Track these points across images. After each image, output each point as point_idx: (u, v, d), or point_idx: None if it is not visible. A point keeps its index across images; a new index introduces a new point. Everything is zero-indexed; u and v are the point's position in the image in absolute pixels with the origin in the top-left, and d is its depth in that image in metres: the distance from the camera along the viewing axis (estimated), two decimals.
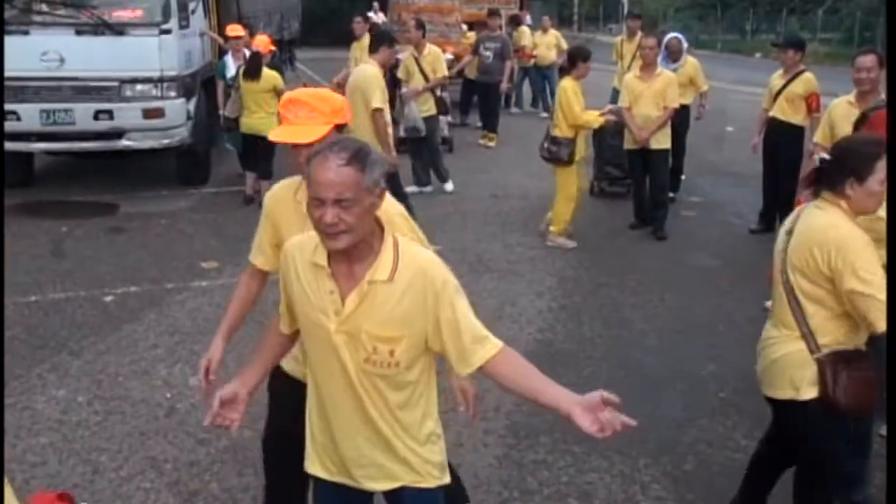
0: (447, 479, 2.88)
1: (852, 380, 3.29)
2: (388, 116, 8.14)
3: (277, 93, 9.61)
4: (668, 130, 8.77)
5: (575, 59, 8.32)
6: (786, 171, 8.34)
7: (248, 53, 10.16)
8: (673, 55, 9.82)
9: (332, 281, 2.58)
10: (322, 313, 2.60)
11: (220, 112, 10.45)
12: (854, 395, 3.30)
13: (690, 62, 9.94)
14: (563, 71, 8.42)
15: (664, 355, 6.13)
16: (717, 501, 4.41)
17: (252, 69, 9.61)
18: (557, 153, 8.32)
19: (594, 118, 8.27)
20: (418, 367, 2.69)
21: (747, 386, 5.62)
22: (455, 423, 4.85)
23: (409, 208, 8.19)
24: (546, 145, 8.44)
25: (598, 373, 5.85)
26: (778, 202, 8.54)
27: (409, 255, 2.61)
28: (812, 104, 8.29)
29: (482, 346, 2.59)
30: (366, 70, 8.07)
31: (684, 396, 5.52)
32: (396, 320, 2.55)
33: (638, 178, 9.19)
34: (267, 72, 9.67)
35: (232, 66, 10.35)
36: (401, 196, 7.93)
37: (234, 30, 10.68)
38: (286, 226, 3.30)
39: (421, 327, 2.58)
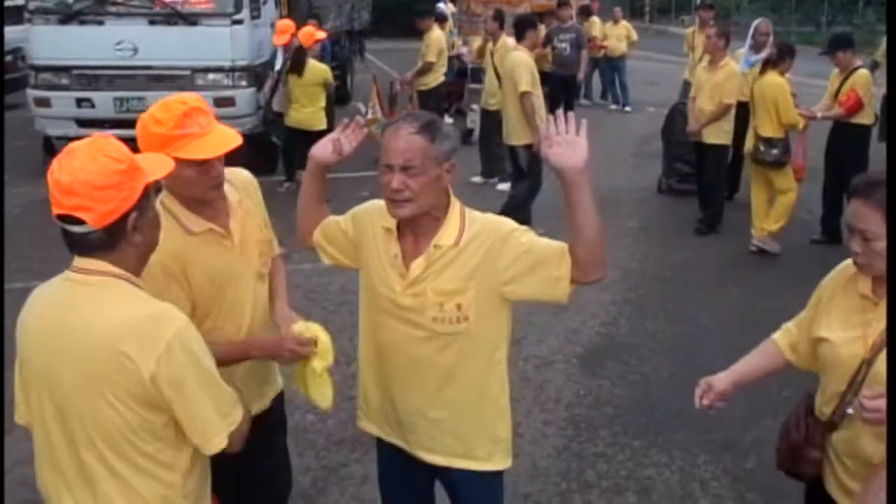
0: (503, 465, 2.89)
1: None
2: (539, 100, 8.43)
3: (326, 86, 9.59)
4: (726, 126, 8.55)
5: (784, 54, 7.99)
6: (851, 171, 8.10)
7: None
8: (760, 41, 9.34)
9: (397, 245, 2.66)
10: (387, 276, 2.66)
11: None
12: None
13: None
14: (771, 64, 7.99)
15: (728, 352, 5.93)
16: (778, 502, 4.35)
17: (296, 63, 9.48)
18: (780, 156, 7.87)
19: (800, 119, 7.91)
20: (494, 329, 2.71)
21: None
22: (515, 413, 4.83)
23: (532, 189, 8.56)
24: (762, 148, 7.90)
25: (660, 368, 5.80)
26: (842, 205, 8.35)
27: (474, 218, 2.68)
28: (848, 99, 7.88)
29: (561, 255, 2.57)
30: (517, 56, 8.37)
31: (747, 395, 5.35)
32: (461, 274, 2.61)
33: (699, 171, 9.04)
34: (315, 65, 9.53)
35: (280, 58, 10.13)
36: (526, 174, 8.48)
37: (284, 25, 10.31)
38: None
39: (489, 276, 2.60)
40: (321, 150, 2.85)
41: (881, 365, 2.49)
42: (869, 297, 2.58)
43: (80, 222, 2.07)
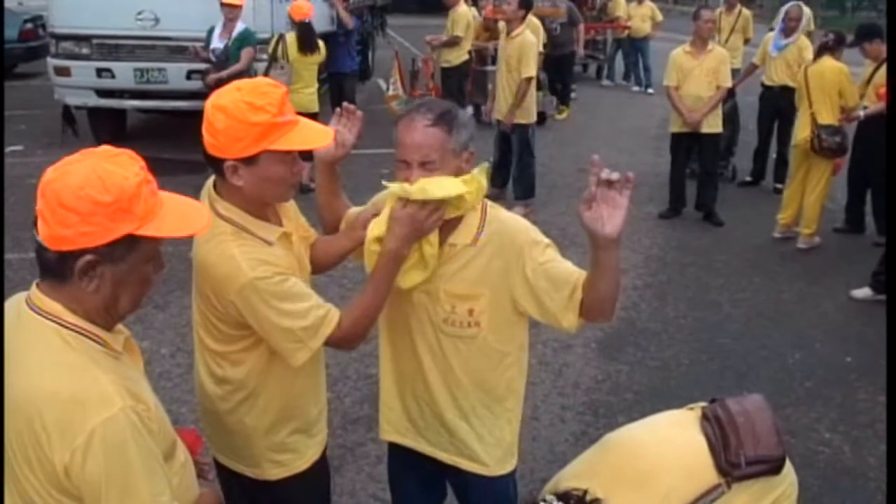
0: (510, 467, 2.81)
1: None
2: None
3: (321, 68, 9.16)
4: (719, 112, 8.35)
5: (841, 42, 7.81)
6: (876, 160, 7.95)
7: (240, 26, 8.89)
8: (790, 26, 9.16)
9: None
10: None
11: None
12: None
13: (802, 42, 9.26)
14: (828, 51, 7.76)
15: (749, 341, 5.98)
16: (800, 494, 4.28)
17: (307, 41, 8.81)
18: (842, 143, 7.58)
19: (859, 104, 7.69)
20: (506, 336, 2.61)
21: (834, 377, 5.49)
22: (533, 397, 4.82)
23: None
24: (825, 136, 7.59)
25: (680, 354, 5.73)
26: (874, 193, 8.19)
27: (494, 217, 2.55)
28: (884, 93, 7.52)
29: (576, 286, 2.43)
30: (527, 38, 8.45)
31: (768, 384, 5.36)
32: (475, 279, 2.50)
33: (679, 163, 8.75)
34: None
35: (218, 38, 8.93)
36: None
37: None
38: None
39: (503, 286, 2.51)
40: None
41: None
42: None
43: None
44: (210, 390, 2.55)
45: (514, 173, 8.80)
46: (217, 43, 8.96)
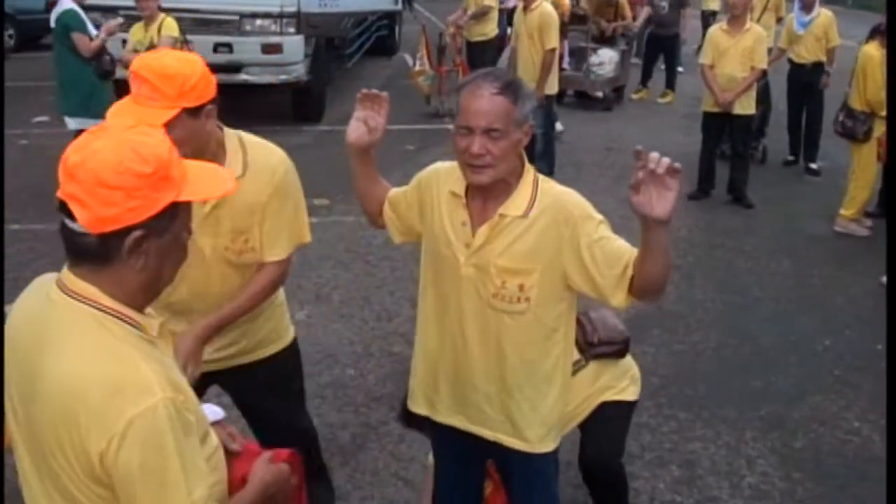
0: (553, 444, 2.78)
1: None
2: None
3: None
4: (752, 94, 8.17)
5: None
6: None
7: None
8: (807, 1, 9.06)
9: (465, 212, 2.52)
10: (452, 243, 2.53)
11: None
12: None
13: (825, 14, 9.15)
14: (879, 34, 7.50)
15: (778, 325, 5.89)
16: (825, 484, 4.24)
17: None
18: (853, 129, 7.45)
19: (883, 102, 7.16)
20: (555, 312, 2.57)
21: (864, 364, 5.40)
22: None
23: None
24: (841, 118, 7.56)
25: (707, 338, 5.66)
26: None
27: (546, 190, 2.51)
28: None
29: (628, 264, 2.39)
30: (546, 9, 8.52)
31: (797, 371, 5.30)
32: (527, 253, 2.47)
33: (709, 143, 8.60)
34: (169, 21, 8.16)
35: (84, 16, 8.52)
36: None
37: None
38: None
39: (555, 261, 2.47)
40: (355, 134, 2.63)
41: None
42: None
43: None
44: None
45: (539, 148, 8.71)
46: (93, 28, 8.60)
